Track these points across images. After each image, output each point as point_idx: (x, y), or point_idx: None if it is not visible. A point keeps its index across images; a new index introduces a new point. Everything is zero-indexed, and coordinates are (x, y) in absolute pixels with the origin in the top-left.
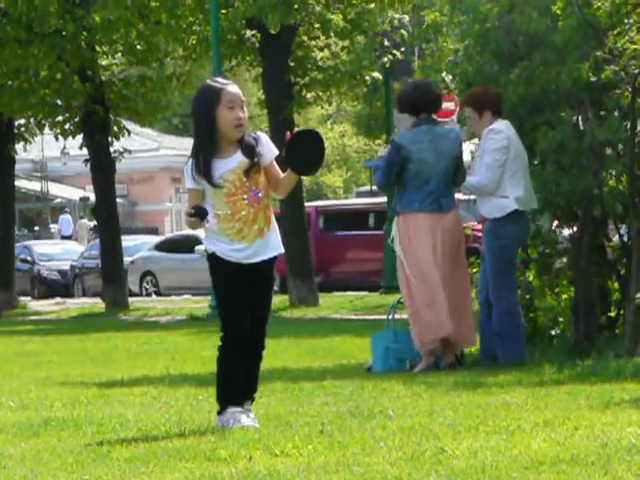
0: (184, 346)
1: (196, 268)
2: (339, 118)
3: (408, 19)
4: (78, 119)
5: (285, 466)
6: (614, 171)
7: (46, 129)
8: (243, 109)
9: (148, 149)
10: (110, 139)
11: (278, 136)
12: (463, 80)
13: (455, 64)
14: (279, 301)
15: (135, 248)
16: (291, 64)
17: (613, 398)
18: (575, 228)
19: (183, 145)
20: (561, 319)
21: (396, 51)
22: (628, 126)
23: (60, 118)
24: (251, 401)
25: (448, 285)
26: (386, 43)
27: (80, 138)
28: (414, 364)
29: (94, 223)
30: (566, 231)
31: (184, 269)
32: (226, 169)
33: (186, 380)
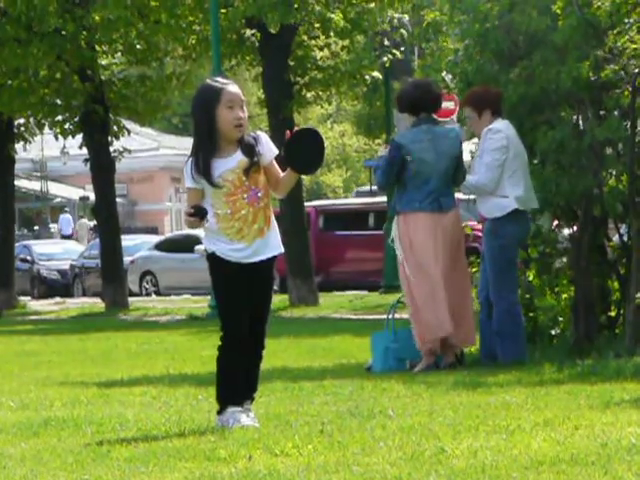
0: (184, 346)
1: (196, 268)
2: (339, 118)
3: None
4: (78, 119)
5: (285, 466)
6: (614, 171)
7: (46, 129)
8: (243, 109)
9: (148, 149)
10: (110, 139)
11: (278, 135)
12: (463, 80)
13: (455, 63)
14: (279, 301)
15: (135, 248)
16: (291, 63)
17: (613, 398)
18: (575, 228)
19: (183, 145)
20: (561, 319)
21: (396, 50)
22: (628, 125)
23: (60, 118)
24: (251, 401)
25: (448, 285)
26: (386, 42)
27: (80, 138)
28: (414, 364)
29: (94, 223)
30: (566, 231)
31: (184, 269)
32: (226, 168)
33: (186, 380)
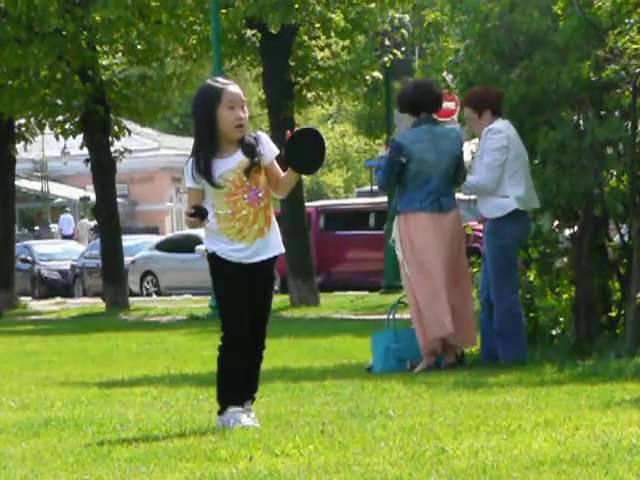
0: (184, 346)
1: (196, 268)
2: (339, 118)
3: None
4: (78, 119)
5: (286, 466)
6: (615, 171)
7: (46, 129)
8: (244, 109)
9: (148, 149)
10: (110, 139)
11: (278, 136)
12: (464, 80)
13: (456, 64)
14: (279, 301)
15: (136, 248)
16: (291, 64)
17: (614, 398)
18: (576, 228)
19: (183, 145)
20: (562, 319)
21: (397, 51)
22: (629, 126)
23: (60, 118)
24: (252, 401)
25: (449, 285)
26: (387, 43)
27: (80, 138)
28: (414, 364)
29: (95, 223)
30: (567, 231)
31: (184, 269)
32: (226, 169)
33: (186, 380)
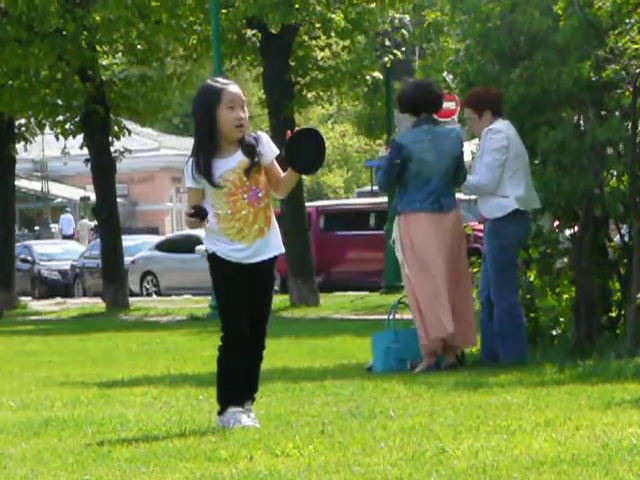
0: (184, 346)
1: (196, 268)
2: (340, 118)
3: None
4: (78, 119)
5: (286, 466)
6: (615, 171)
7: (46, 129)
8: (244, 109)
9: (149, 149)
10: (110, 139)
11: (279, 136)
12: (464, 80)
13: (456, 64)
14: (280, 301)
15: (136, 248)
16: (292, 64)
17: (614, 398)
18: (576, 228)
19: (184, 145)
20: (562, 319)
21: (397, 51)
22: (629, 126)
23: (60, 118)
24: (252, 401)
25: (449, 285)
26: (387, 43)
27: (80, 138)
28: (415, 364)
29: (95, 223)
30: (567, 231)
31: (185, 269)
32: (226, 168)
33: (186, 380)
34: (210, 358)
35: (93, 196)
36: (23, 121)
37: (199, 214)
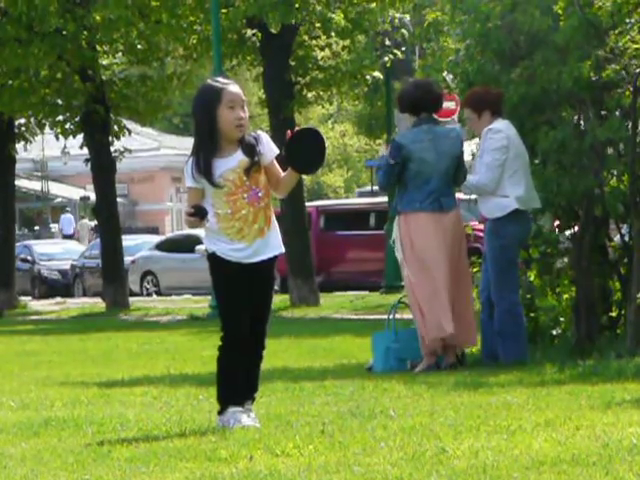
0: (184, 346)
1: (197, 268)
2: (340, 118)
3: (409, 18)
4: (78, 119)
5: (286, 466)
6: (615, 171)
7: (46, 129)
8: (244, 109)
9: (149, 149)
10: (110, 138)
11: (279, 135)
12: (464, 80)
13: (456, 63)
14: (280, 301)
15: (136, 248)
16: (292, 63)
17: (614, 398)
18: (576, 228)
19: (184, 145)
20: (562, 319)
21: (397, 50)
22: (629, 125)
23: (60, 117)
24: (252, 401)
25: (449, 285)
26: (387, 42)
27: (80, 138)
28: (415, 364)
29: (95, 223)
30: (567, 231)
31: (185, 269)
32: (226, 168)
33: (186, 380)
34: (210, 358)
35: (93, 196)
36: (23, 121)
37: (199, 214)
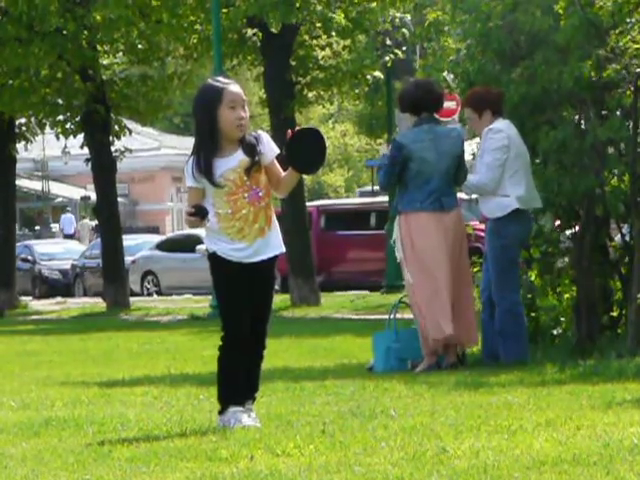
0: (185, 346)
1: (197, 268)
2: (340, 117)
3: (410, 18)
4: (79, 118)
5: (286, 466)
6: (616, 170)
7: (47, 128)
8: (244, 108)
9: (149, 148)
10: (111, 138)
11: (279, 135)
12: (465, 79)
13: (457, 63)
14: (280, 300)
15: (136, 247)
16: (292, 63)
17: (615, 398)
18: (577, 228)
19: (184, 144)
20: (563, 319)
21: (398, 50)
22: (630, 125)
23: (61, 117)
24: (252, 401)
25: (450, 285)
26: (388, 42)
27: (81, 137)
28: (415, 364)
29: (95, 222)
30: (568, 231)
31: (185, 269)
32: (227, 168)
33: (187, 380)
34: (211, 358)
35: (94, 195)
36: (23, 120)
37: (199, 213)
